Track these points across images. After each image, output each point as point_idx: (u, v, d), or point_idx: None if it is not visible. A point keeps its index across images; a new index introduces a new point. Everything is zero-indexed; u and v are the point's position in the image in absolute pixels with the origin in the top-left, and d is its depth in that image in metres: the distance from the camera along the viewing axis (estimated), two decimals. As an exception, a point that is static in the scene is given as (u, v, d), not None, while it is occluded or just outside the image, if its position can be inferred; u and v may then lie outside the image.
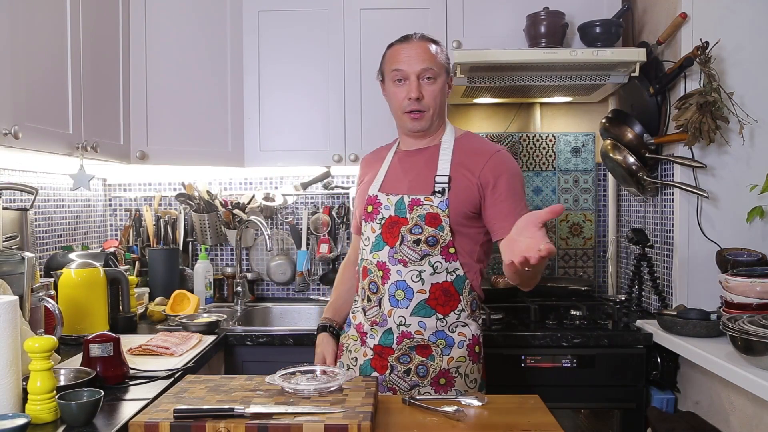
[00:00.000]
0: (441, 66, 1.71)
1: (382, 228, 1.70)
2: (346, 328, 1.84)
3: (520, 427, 1.27)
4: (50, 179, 2.41)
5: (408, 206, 1.67)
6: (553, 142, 2.85)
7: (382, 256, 1.69)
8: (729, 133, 2.12)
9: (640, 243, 2.38)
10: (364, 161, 1.92)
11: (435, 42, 1.73)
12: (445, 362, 1.67)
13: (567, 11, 2.40)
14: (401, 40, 1.73)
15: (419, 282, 1.65)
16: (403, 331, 1.67)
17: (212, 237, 2.80)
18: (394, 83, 1.72)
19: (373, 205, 1.73)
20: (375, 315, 1.71)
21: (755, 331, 1.57)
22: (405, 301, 1.66)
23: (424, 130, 1.74)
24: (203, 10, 2.47)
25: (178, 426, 1.18)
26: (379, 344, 1.70)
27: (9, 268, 1.60)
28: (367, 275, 1.73)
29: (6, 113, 1.58)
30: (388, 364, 1.69)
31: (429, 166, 1.72)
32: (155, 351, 1.82)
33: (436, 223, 1.65)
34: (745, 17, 2.13)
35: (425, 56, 1.68)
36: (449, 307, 1.67)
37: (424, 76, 1.68)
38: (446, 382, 1.67)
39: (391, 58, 1.73)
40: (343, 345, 1.81)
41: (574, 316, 2.28)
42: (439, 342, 1.67)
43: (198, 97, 2.47)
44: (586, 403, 2.17)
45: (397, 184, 1.73)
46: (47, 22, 1.79)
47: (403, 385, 1.67)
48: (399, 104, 1.71)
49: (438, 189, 1.66)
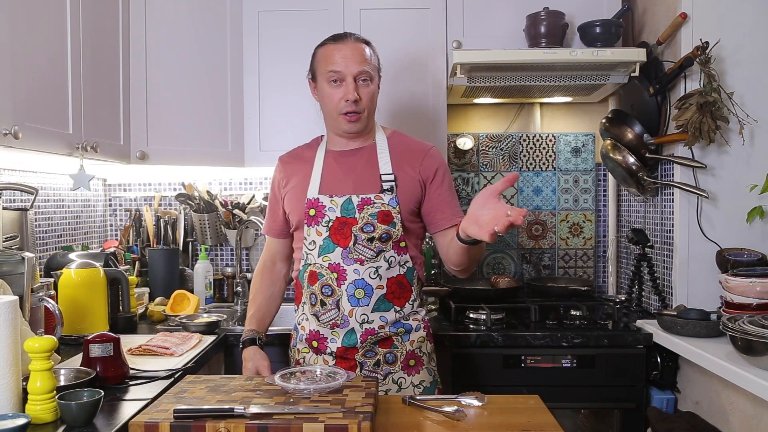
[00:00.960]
0: (375, 68, 1.73)
1: (329, 230, 1.70)
2: (294, 341, 1.82)
3: (520, 427, 1.27)
4: (50, 179, 2.41)
5: (357, 206, 1.69)
6: (553, 142, 2.85)
7: (334, 258, 1.69)
8: (729, 133, 2.12)
9: (640, 243, 2.38)
10: (283, 162, 1.87)
11: (368, 44, 1.74)
12: (408, 345, 1.74)
13: (567, 11, 2.40)
14: (335, 40, 1.73)
15: (377, 278, 1.68)
16: (366, 328, 1.69)
17: (212, 237, 2.80)
18: (329, 84, 1.71)
19: (315, 209, 1.72)
20: (333, 318, 1.70)
21: (755, 331, 1.57)
22: (365, 298, 1.68)
23: (359, 132, 1.75)
24: (203, 11, 2.47)
25: (178, 426, 1.18)
26: (342, 346, 1.70)
27: (9, 268, 1.60)
28: (317, 279, 1.71)
29: (6, 113, 1.58)
30: (356, 363, 1.70)
31: (370, 164, 1.74)
32: (155, 351, 1.82)
33: (389, 220, 1.68)
34: (745, 17, 2.13)
35: (361, 58, 1.69)
36: (404, 298, 1.72)
37: (360, 78, 1.69)
38: (416, 362, 1.74)
39: (326, 58, 1.72)
40: (298, 361, 1.79)
41: (574, 316, 2.29)
42: (399, 331, 1.73)
43: (198, 97, 2.47)
44: (586, 403, 2.17)
45: (338, 184, 1.73)
46: (47, 22, 1.79)
47: (377, 377, 1.68)
48: (335, 105, 1.71)
49: (386, 187, 1.70)
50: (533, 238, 2.85)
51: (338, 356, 1.71)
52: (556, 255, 2.85)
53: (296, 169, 1.82)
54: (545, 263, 2.85)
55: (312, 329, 1.74)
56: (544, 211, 2.85)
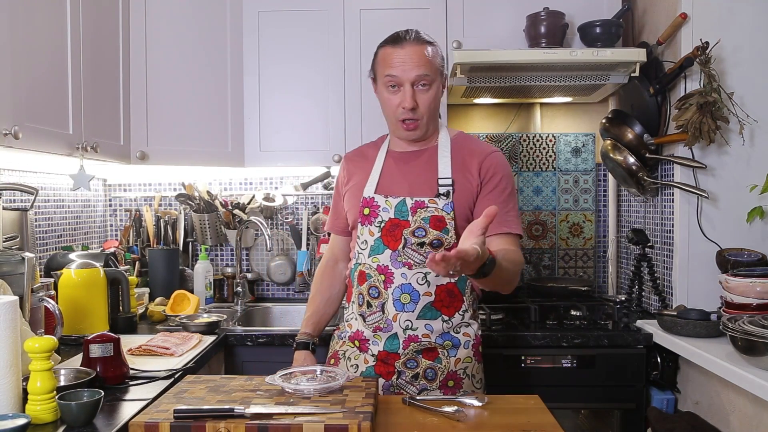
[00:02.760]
0: (436, 71, 1.65)
1: (381, 231, 1.67)
2: (340, 333, 1.81)
3: (520, 427, 1.27)
4: (50, 179, 2.41)
5: (411, 209, 1.65)
6: (553, 142, 2.85)
7: (383, 260, 1.66)
8: (729, 133, 2.12)
9: (640, 243, 2.38)
10: (347, 160, 1.85)
11: (430, 43, 1.66)
12: (453, 364, 1.66)
13: (567, 11, 2.40)
14: (394, 42, 1.65)
15: (425, 284, 1.64)
16: (410, 335, 1.65)
17: (212, 237, 2.80)
18: (387, 89, 1.65)
19: (370, 208, 1.69)
20: (378, 320, 1.67)
21: (756, 332, 1.57)
22: (411, 304, 1.64)
23: (418, 138, 1.71)
24: (203, 11, 2.47)
25: (178, 426, 1.18)
26: (383, 350, 1.67)
27: (9, 269, 1.60)
28: (365, 280, 1.69)
29: (6, 113, 1.58)
30: (394, 370, 1.66)
31: (429, 167, 1.70)
32: (155, 351, 1.82)
33: (441, 226, 1.63)
34: (745, 17, 2.13)
35: (420, 61, 1.61)
36: (453, 308, 1.66)
37: (419, 83, 1.62)
38: (454, 384, 1.66)
39: (384, 62, 1.65)
40: (338, 353, 1.78)
41: (574, 316, 2.29)
42: (445, 344, 1.66)
43: (198, 97, 2.47)
44: (586, 403, 2.17)
45: (395, 186, 1.70)
46: (47, 22, 1.79)
47: (411, 390, 1.65)
48: (392, 111, 1.66)
49: (443, 191, 1.65)
50: (533, 239, 2.85)
51: (380, 360, 1.68)
52: (556, 255, 2.85)
53: (358, 168, 1.79)
54: (545, 263, 2.85)
55: (357, 329, 1.72)
56: (544, 212, 2.85)
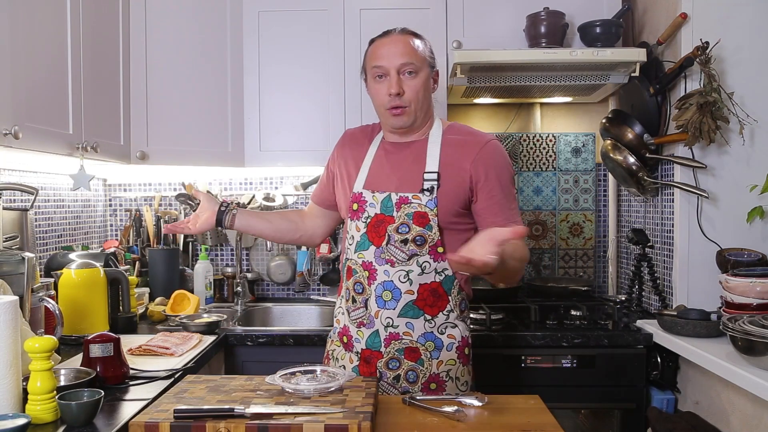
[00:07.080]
0: (422, 60, 1.65)
1: (367, 227, 1.66)
2: (331, 334, 1.81)
3: (520, 427, 1.27)
4: (50, 179, 2.41)
5: (395, 204, 1.63)
6: (553, 142, 2.85)
7: (367, 256, 1.65)
8: (729, 133, 2.12)
9: (640, 243, 2.38)
10: (343, 143, 1.83)
11: (417, 36, 1.68)
12: (435, 366, 1.64)
13: (567, 11, 2.40)
14: (382, 35, 1.68)
15: (407, 282, 1.62)
16: (391, 332, 1.64)
17: (212, 237, 2.80)
18: (375, 80, 1.66)
19: (358, 203, 1.68)
20: (361, 316, 1.67)
21: (756, 332, 1.57)
22: (392, 302, 1.63)
23: (407, 127, 1.68)
24: (203, 11, 2.47)
25: (178, 426, 1.18)
26: (366, 348, 1.66)
27: (9, 268, 1.60)
28: (351, 275, 1.69)
29: (6, 113, 1.58)
30: (376, 371, 1.65)
31: (417, 161, 1.66)
32: (155, 351, 1.82)
33: (424, 222, 1.61)
34: (745, 17, 2.13)
35: (405, 50, 1.63)
36: (437, 308, 1.64)
37: (404, 70, 1.62)
38: (437, 387, 1.64)
39: (372, 55, 1.67)
40: (329, 353, 1.78)
41: (574, 316, 2.29)
42: (427, 344, 1.64)
43: (198, 97, 2.47)
44: (586, 403, 2.17)
45: (383, 180, 1.68)
46: (47, 22, 1.79)
47: (393, 392, 1.64)
48: (381, 101, 1.66)
49: (426, 187, 1.62)
50: (533, 238, 2.85)
51: (363, 358, 1.67)
52: (556, 255, 2.85)
53: (350, 155, 1.77)
54: (545, 263, 2.85)
55: (344, 324, 1.73)
56: (544, 211, 2.85)
